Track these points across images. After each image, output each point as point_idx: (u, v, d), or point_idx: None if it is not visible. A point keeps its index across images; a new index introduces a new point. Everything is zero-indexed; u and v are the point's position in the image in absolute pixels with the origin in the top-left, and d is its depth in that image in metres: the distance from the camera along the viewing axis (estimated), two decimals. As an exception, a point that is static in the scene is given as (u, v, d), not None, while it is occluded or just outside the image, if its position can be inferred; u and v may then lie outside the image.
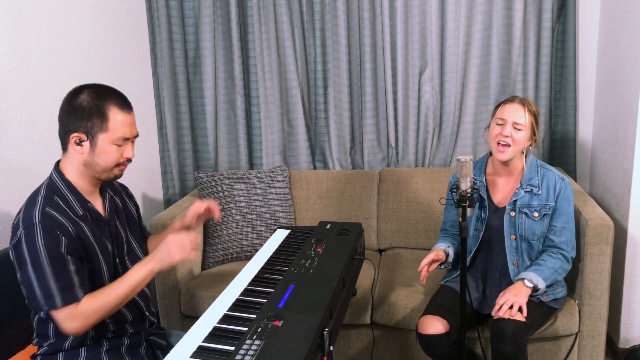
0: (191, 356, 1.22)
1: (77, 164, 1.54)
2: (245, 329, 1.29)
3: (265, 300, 1.43)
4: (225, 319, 1.38)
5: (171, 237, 1.53)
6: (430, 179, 2.80)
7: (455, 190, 1.81)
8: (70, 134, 1.51)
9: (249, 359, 1.16)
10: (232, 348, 1.21)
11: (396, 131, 3.00)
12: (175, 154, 3.14)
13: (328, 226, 1.98)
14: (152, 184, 3.09)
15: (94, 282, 1.55)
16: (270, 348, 1.20)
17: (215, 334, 1.31)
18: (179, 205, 2.65)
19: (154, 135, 3.11)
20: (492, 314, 1.94)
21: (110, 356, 1.59)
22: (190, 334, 1.31)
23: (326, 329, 1.30)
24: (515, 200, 2.06)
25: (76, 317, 1.46)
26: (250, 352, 1.18)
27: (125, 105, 1.55)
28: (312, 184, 2.94)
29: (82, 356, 1.56)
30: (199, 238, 1.57)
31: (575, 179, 2.89)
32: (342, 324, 1.75)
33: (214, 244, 2.70)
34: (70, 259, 1.45)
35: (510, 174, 2.11)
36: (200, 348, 1.25)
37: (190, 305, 2.46)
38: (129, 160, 1.58)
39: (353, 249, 1.79)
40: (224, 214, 2.71)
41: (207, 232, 2.73)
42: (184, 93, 3.09)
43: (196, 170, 3.12)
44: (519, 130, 2.01)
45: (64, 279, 1.44)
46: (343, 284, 1.59)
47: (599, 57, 2.80)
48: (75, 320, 1.46)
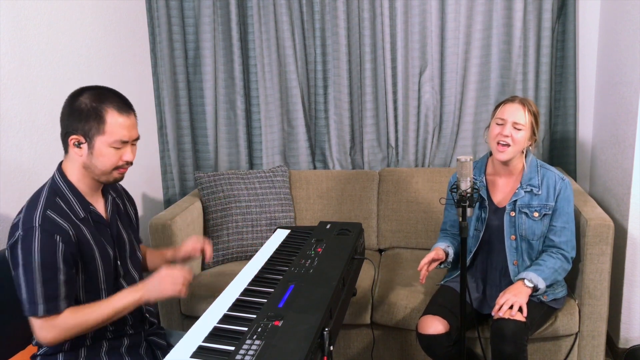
0: (191, 356, 1.22)
1: (78, 166, 1.54)
2: (245, 329, 1.29)
3: (265, 300, 1.43)
4: (225, 319, 1.38)
5: (165, 271, 1.53)
6: (430, 179, 2.80)
7: (455, 190, 1.81)
8: (69, 136, 1.51)
9: (249, 359, 1.17)
10: (232, 348, 1.21)
11: (396, 131, 3.00)
12: (175, 154, 3.14)
13: (328, 226, 1.98)
14: (152, 184, 3.09)
15: (90, 286, 1.55)
16: (270, 348, 1.20)
17: (215, 334, 1.31)
18: (179, 205, 2.65)
19: (154, 135, 3.11)
20: (492, 314, 1.94)
21: (110, 356, 1.59)
22: (190, 334, 1.31)
23: (326, 329, 1.30)
24: (515, 200, 2.06)
25: (52, 328, 1.45)
26: (250, 352, 1.18)
27: (124, 107, 1.52)
28: (312, 184, 2.94)
29: (82, 356, 1.56)
30: (192, 275, 1.56)
31: (575, 179, 2.89)
32: (342, 324, 1.75)
33: (214, 244, 2.70)
34: (62, 268, 1.44)
35: (510, 174, 2.11)
36: (200, 348, 1.25)
37: (190, 305, 2.46)
38: (128, 163, 1.56)
39: (353, 249, 1.79)
40: (224, 214, 2.71)
41: (207, 232, 2.73)
42: (184, 93, 3.09)
43: (196, 170, 3.12)
44: (519, 130, 2.00)
45: (52, 288, 1.43)
46: (343, 284, 1.59)
47: (599, 57, 2.80)
48: (50, 330, 1.45)
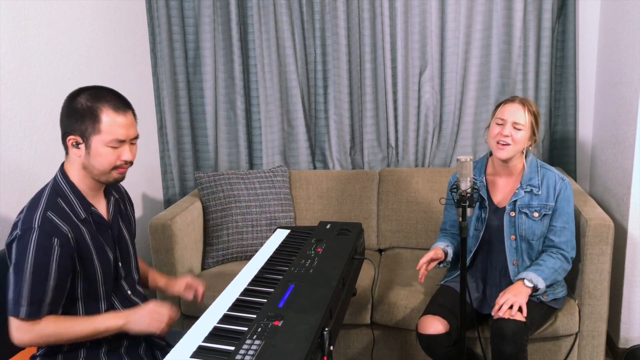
0: (191, 356, 1.22)
1: (78, 166, 1.53)
2: (245, 329, 1.29)
3: (265, 300, 1.43)
4: (225, 319, 1.38)
5: (153, 307, 1.53)
6: (430, 179, 2.80)
7: (455, 190, 1.81)
8: (67, 137, 1.51)
9: (249, 359, 1.17)
10: (232, 348, 1.21)
11: (396, 131, 2.99)
12: (175, 154, 3.14)
13: (328, 226, 1.98)
14: (152, 184, 3.09)
15: (88, 289, 1.54)
16: (270, 348, 1.20)
17: (215, 334, 1.31)
18: (179, 205, 2.64)
19: (154, 135, 3.11)
20: (492, 314, 1.94)
21: (110, 357, 1.59)
22: (190, 334, 1.31)
23: (326, 329, 1.30)
24: (515, 201, 2.06)
25: (28, 332, 1.44)
26: (250, 352, 1.18)
27: (120, 106, 1.51)
28: (312, 184, 2.94)
29: (82, 357, 1.55)
30: (178, 315, 1.56)
31: (575, 179, 2.89)
32: (342, 324, 1.75)
33: (214, 244, 2.70)
34: (54, 273, 1.43)
35: (511, 174, 2.11)
36: (200, 348, 1.25)
37: (190, 305, 2.46)
38: (127, 162, 1.54)
39: (353, 249, 1.79)
40: (224, 214, 2.71)
41: (207, 232, 2.73)
42: (184, 93, 3.09)
43: (196, 170, 3.12)
44: (519, 130, 2.00)
45: (39, 291, 1.42)
46: (343, 284, 1.59)
47: (599, 57, 2.80)
48: (26, 334, 1.44)
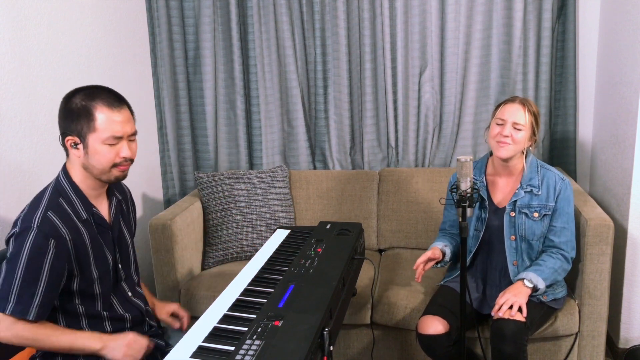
0: (191, 356, 1.22)
1: (79, 167, 1.53)
2: (245, 329, 1.29)
3: (265, 300, 1.43)
4: (225, 319, 1.38)
5: (133, 338, 1.53)
6: (430, 179, 2.80)
7: (455, 190, 1.81)
8: (65, 138, 1.51)
9: (249, 359, 1.16)
10: (232, 348, 1.21)
11: (396, 131, 2.99)
12: (175, 154, 3.14)
13: (328, 226, 1.98)
14: (152, 184, 3.09)
15: (85, 291, 1.54)
16: (270, 348, 1.20)
17: (215, 334, 1.31)
18: (179, 205, 2.64)
19: (154, 135, 3.11)
20: (492, 314, 1.94)
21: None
22: (190, 334, 1.31)
23: (326, 329, 1.30)
24: (515, 201, 2.06)
25: (9, 329, 1.43)
26: (250, 352, 1.18)
27: (114, 103, 1.49)
28: (312, 184, 2.94)
29: (82, 357, 1.55)
30: (151, 347, 1.57)
31: (575, 179, 2.89)
32: (342, 324, 1.75)
33: (214, 244, 2.70)
34: (46, 275, 1.42)
35: (511, 174, 2.11)
36: (200, 348, 1.25)
37: (190, 305, 2.46)
38: (127, 160, 1.54)
39: (353, 249, 1.78)
40: (224, 214, 2.71)
41: (207, 232, 2.73)
42: (184, 93, 3.09)
43: (196, 170, 3.12)
44: (519, 130, 2.00)
45: (28, 291, 1.42)
46: (343, 284, 1.59)
47: (599, 57, 2.80)
48: (6, 331, 1.43)
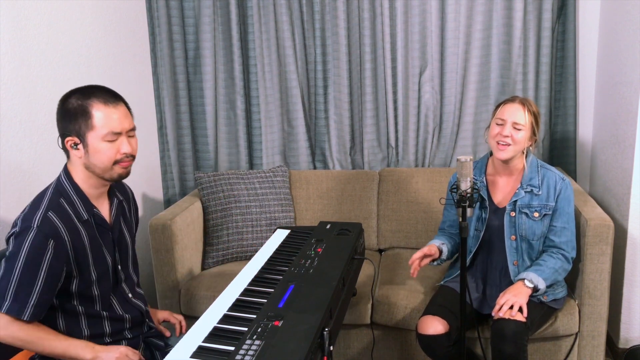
0: (191, 356, 1.22)
1: (80, 167, 1.53)
2: (245, 329, 1.29)
3: (265, 300, 1.43)
4: (225, 319, 1.38)
5: (125, 350, 1.52)
6: (430, 179, 2.80)
7: (455, 190, 1.81)
8: (65, 139, 1.50)
9: (249, 359, 1.17)
10: (232, 348, 1.21)
11: (396, 131, 2.99)
12: (175, 154, 3.14)
13: (328, 226, 1.98)
14: (152, 184, 3.09)
15: (84, 293, 1.54)
16: (270, 348, 1.20)
17: (215, 334, 1.31)
18: (179, 205, 2.64)
19: (154, 135, 3.11)
20: (493, 314, 1.94)
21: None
22: (190, 334, 1.31)
23: (326, 329, 1.30)
24: (515, 201, 2.06)
25: (5, 329, 1.42)
26: (250, 352, 1.18)
27: (109, 99, 1.50)
28: (312, 184, 2.94)
29: (81, 357, 1.56)
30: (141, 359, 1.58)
31: (575, 179, 2.89)
32: (342, 324, 1.75)
33: (214, 244, 2.70)
34: (44, 275, 1.42)
35: (511, 174, 2.11)
36: (200, 348, 1.25)
37: (190, 305, 2.46)
38: (128, 156, 1.53)
39: (353, 249, 1.79)
40: (224, 214, 2.71)
41: (207, 232, 2.73)
42: (184, 93, 3.09)
43: (196, 170, 3.12)
44: (519, 130, 2.00)
45: (25, 290, 1.41)
46: (343, 284, 1.59)
47: (599, 57, 2.80)
48: (3, 330, 1.42)
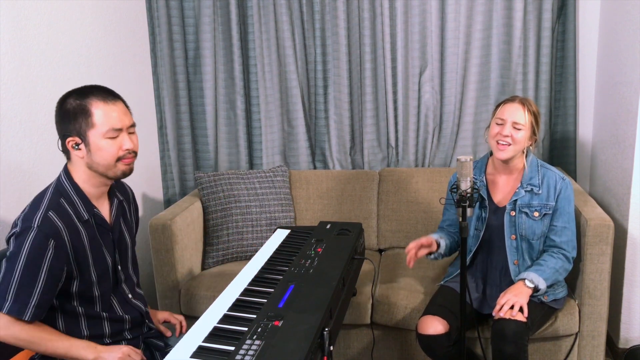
0: (191, 356, 1.22)
1: (82, 168, 1.53)
2: (245, 329, 1.29)
3: (265, 300, 1.43)
4: (225, 319, 1.38)
5: (127, 350, 1.52)
6: (430, 179, 2.80)
7: (455, 190, 1.81)
8: (65, 139, 1.50)
9: (249, 359, 1.17)
10: (232, 348, 1.22)
11: (396, 131, 2.99)
12: (175, 154, 3.14)
13: (328, 226, 1.98)
14: (152, 184, 3.09)
15: (84, 293, 1.54)
16: (270, 348, 1.20)
17: (215, 334, 1.31)
18: (179, 205, 2.64)
19: (154, 135, 3.10)
20: (493, 314, 1.93)
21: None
22: (190, 334, 1.31)
23: (326, 329, 1.30)
24: (515, 200, 2.06)
25: (7, 330, 1.42)
26: (250, 352, 1.18)
27: (108, 96, 1.51)
28: (312, 184, 2.94)
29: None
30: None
31: (575, 179, 2.88)
32: (342, 324, 1.75)
33: (214, 244, 2.70)
34: (44, 276, 1.42)
35: (511, 174, 2.11)
36: (200, 348, 1.26)
37: (190, 305, 2.46)
38: (131, 152, 1.53)
39: (353, 249, 1.79)
40: (224, 214, 2.71)
41: (207, 232, 2.73)
42: (184, 93, 3.09)
43: (196, 170, 3.12)
44: (519, 130, 2.00)
45: (26, 290, 1.41)
46: (343, 284, 1.59)
47: (599, 57, 2.80)
48: (4, 330, 1.42)
